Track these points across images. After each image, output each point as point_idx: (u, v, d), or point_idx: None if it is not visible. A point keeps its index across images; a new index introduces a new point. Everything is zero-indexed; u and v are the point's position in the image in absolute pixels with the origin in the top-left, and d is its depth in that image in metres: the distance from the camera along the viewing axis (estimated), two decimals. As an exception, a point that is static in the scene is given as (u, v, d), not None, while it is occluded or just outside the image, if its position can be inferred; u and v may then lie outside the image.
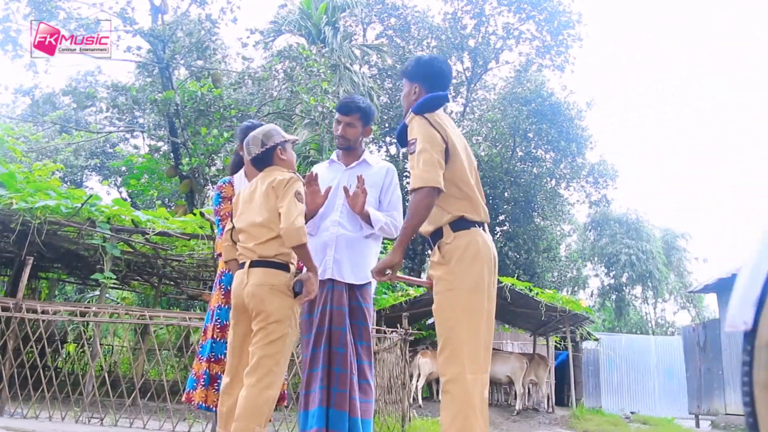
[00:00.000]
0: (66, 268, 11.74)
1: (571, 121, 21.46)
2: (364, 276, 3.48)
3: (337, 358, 3.28)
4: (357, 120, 3.63)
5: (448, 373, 2.74)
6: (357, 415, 3.24)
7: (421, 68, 3.08)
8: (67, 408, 6.37)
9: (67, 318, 6.64)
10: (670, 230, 30.86)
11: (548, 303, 12.60)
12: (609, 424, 12.22)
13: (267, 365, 2.98)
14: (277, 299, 3.04)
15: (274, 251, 3.09)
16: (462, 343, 2.74)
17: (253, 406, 2.95)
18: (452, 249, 2.82)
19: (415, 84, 3.06)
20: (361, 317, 3.45)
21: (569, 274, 27.31)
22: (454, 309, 2.78)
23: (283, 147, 3.30)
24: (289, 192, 3.08)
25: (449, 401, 2.71)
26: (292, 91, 12.88)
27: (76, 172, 21.77)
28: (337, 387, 3.24)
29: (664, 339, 21.04)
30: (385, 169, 3.67)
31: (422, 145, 2.80)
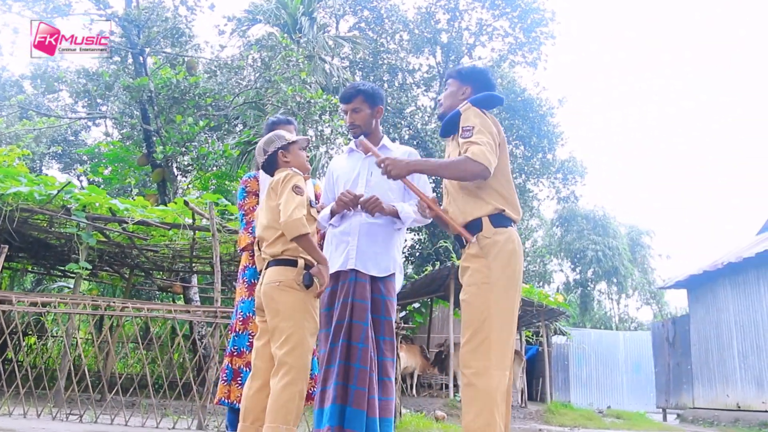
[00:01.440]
0: (32, 258, 11.31)
1: (542, 118, 21.59)
2: (387, 267, 3.35)
3: (357, 354, 3.11)
4: (362, 103, 3.50)
5: (475, 366, 2.72)
6: (375, 414, 3.08)
7: (477, 74, 3.21)
8: (37, 404, 6.08)
9: (44, 310, 6.34)
10: (635, 227, 31.34)
11: (524, 297, 12.61)
12: (584, 419, 12.32)
13: (286, 362, 2.94)
14: (285, 296, 3.02)
15: (281, 248, 3.10)
16: (491, 338, 2.74)
17: (279, 404, 2.88)
18: (491, 244, 2.85)
19: (466, 86, 3.17)
20: (384, 311, 3.30)
21: (535, 268, 27.56)
22: (487, 303, 2.78)
23: (286, 149, 3.28)
24: (286, 187, 3.09)
25: (474, 395, 2.69)
26: (270, 80, 12.60)
27: (36, 160, 21.05)
28: (355, 384, 3.07)
29: (632, 334, 21.36)
30: (407, 153, 3.51)
31: (482, 132, 2.87)
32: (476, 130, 2.85)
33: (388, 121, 20.71)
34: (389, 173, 2.92)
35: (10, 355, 6.08)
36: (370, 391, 3.09)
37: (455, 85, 3.20)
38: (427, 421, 7.58)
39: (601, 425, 11.88)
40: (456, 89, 3.18)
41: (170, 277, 12.81)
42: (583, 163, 24.01)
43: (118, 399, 6.28)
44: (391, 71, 22.27)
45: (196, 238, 8.79)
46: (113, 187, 16.07)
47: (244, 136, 13.58)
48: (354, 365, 3.11)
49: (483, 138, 2.84)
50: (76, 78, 13.11)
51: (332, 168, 3.68)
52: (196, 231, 8.40)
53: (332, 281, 3.36)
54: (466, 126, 2.90)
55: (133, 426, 5.69)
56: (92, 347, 10.35)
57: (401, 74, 22.61)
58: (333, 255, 3.39)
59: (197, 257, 10.00)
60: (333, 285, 3.36)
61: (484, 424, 2.61)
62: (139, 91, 11.70)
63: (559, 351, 19.27)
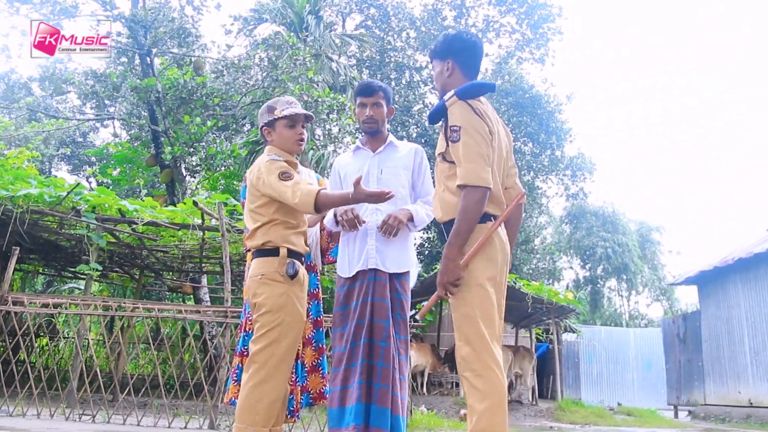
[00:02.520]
0: (43, 260, 11.36)
1: (551, 114, 21.46)
2: (404, 265, 3.36)
3: (380, 352, 3.11)
4: (382, 99, 3.52)
5: (477, 368, 2.63)
6: (399, 412, 3.10)
7: (450, 44, 3.02)
8: (50, 404, 6.10)
9: (56, 311, 6.36)
10: (645, 223, 31.22)
11: (534, 295, 12.56)
12: (595, 416, 12.26)
13: (260, 359, 2.87)
14: (266, 289, 2.94)
15: (261, 239, 3.02)
16: (482, 337, 2.65)
17: (245, 404, 2.83)
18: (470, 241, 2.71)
19: (447, 61, 2.99)
20: (400, 309, 3.30)
21: (544, 266, 27.46)
22: (472, 302, 2.68)
23: (271, 126, 3.20)
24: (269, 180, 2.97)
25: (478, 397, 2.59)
26: (277, 79, 12.60)
27: (45, 161, 21.16)
28: (379, 382, 3.07)
29: (643, 331, 21.26)
30: (413, 151, 3.54)
31: (471, 136, 2.71)
32: (463, 134, 2.71)
33: (395, 119, 20.67)
34: (456, 285, 2.68)
35: (23, 356, 6.11)
36: (394, 389, 3.10)
37: (438, 64, 3.04)
38: (438, 419, 7.57)
39: (612, 422, 11.82)
40: (440, 68, 3.02)
41: (180, 278, 12.84)
42: (592, 160, 23.89)
43: (130, 399, 6.29)
44: (398, 69, 22.22)
45: (206, 239, 8.79)
46: (122, 188, 16.12)
47: (252, 135, 13.57)
48: (377, 363, 3.11)
49: (475, 148, 2.70)
50: (84, 79, 13.14)
51: (338, 166, 3.67)
52: (206, 231, 8.41)
53: (349, 281, 3.37)
54: (453, 126, 2.76)
55: (146, 426, 5.70)
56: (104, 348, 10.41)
57: (408, 72, 22.54)
58: (351, 255, 3.39)
59: (207, 257, 10.01)
60: (350, 284, 3.36)
61: (489, 425, 2.54)
62: (147, 91, 11.73)
63: (570, 348, 19.20)
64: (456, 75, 2.98)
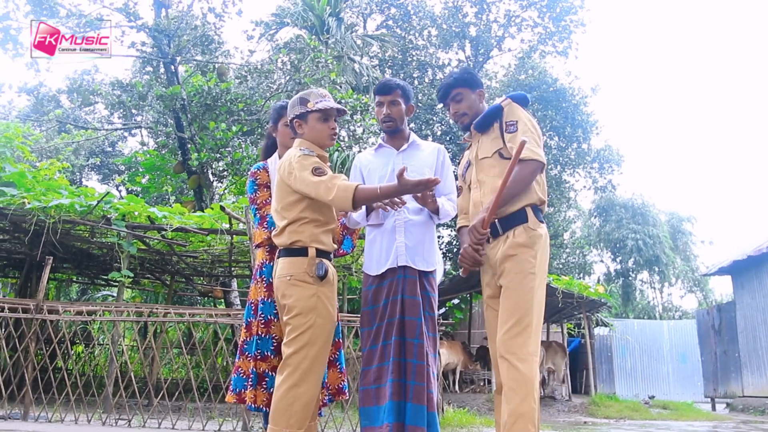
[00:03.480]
0: (76, 268, 11.57)
1: (576, 107, 21.29)
2: (432, 263, 3.38)
3: (413, 349, 3.12)
4: (399, 97, 3.50)
5: (518, 352, 2.80)
6: (434, 409, 3.10)
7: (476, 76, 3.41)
8: (87, 410, 6.21)
9: (89, 318, 6.47)
10: (675, 214, 30.79)
11: (565, 290, 12.47)
12: (629, 410, 12.13)
13: (293, 362, 2.85)
14: (296, 290, 2.91)
15: (289, 239, 2.97)
16: (533, 326, 2.86)
17: (279, 407, 2.82)
18: (537, 236, 3.00)
19: (478, 89, 3.36)
20: (428, 307, 3.30)
21: (575, 260, 27.20)
22: (532, 291, 2.90)
23: (302, 118, 3.08)
24: (301, 175, 2.89)
25: (519, 379, 2.75)
26: (299, 82, 12.68)
27: (75, 172, 21.53)
28: (414, 380, 3.07)
29: (677, 323, 20.94)
30: (436, 150, 3.56)
31: (526, 125, 3.04)
32: (521, 125, 3.01)
33: (419, 118, 20.66)
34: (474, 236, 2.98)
35: (60, 363, 6.22)
36: (428, 385, 3.09)
37: (467, 92, 3.34)
38: (470, 416, 7.55)
39: (648, 416, 11.68)
40: (473, 96, 3.34)
41: (210, 282, 12.98)
42: (620, 152, 23.62)
43: (165, 403, 6.38)
44: (420, 67, 22.19)
45: (234, 243, 8.88)
46: (151, 195, 16.32)
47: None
48: (411, 361, 3.11)
49: (531, 133, 2.99)
50: (111, 90, 13.35)
51: (360, 164, 3.66)
52: (234, 235, 8.49)
53: (377, 280, 3.37)
54: (509, 120, 3.05)
55: (180, 429, 5.77)
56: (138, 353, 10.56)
57: (431, 70, 22.49)
58: (379, 253, 3.39)
59: (236, 261, 10.11)
60: (378, 283, 3.36)
61: (530, 409, 2.69)
62: (172, 99, 11.87)
63: (602, 342, 19.00)
64: (483, 101, 3.39)
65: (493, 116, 3.16)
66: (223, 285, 12.41)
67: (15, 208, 7.51)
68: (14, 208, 7.51)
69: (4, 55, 12.98)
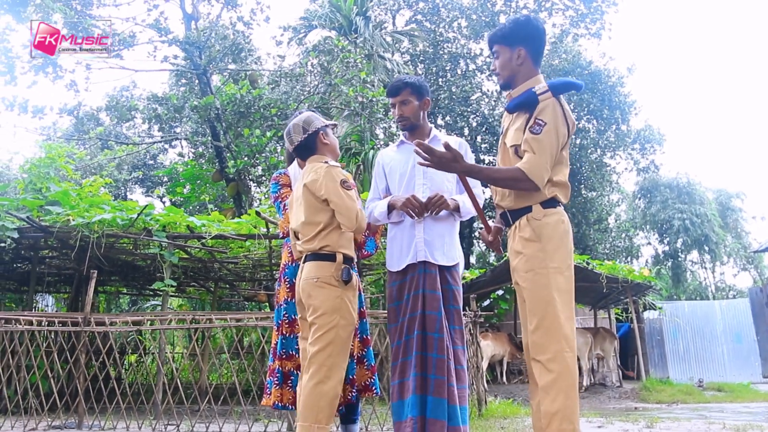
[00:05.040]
0: (123, 280, 11.88)
1: (612, 89, 20.97)
2: (453, 256, 3.41)
3: (433, 343, 3.16)
4: (409, 95, 3.53)
5: (549, 352, 2.73)
6: (456, 402, 3.12)
7: (521, 29, 2.99)
8: (137, 417, 6.40)
9: (135, 328, 6.67)
10: (723, 191, 30.06)
11: (609, 275, 12.30)
12: (682, 394, 11.92)
13: (319, 359, 2.99)
14: (322, 292, 3.06)
15: (319, 244, 3.14)
16: (558, 321, 2.75)
17: (308, 403, 2.94)
18: (542, 225, 2.84)
19: (518, 48, 2.96)
20: (453, 300, 3.34)
21: (621, 244, 26.77)
22: (548, 287, 2.78)
23: (325, 132, 3.33)
24: (331, 185, 3.10)
25: (552, 380, 2.69)
26: (330, 84, 12.80)
27: (119, 186, 22.10)
28: (435, 373, 3.12)
29: (729, 302, 20.40)
30: (457, 144, 3.50)
31: (551, 135, 2.80)
32: (545, 133, 2.78)
33: (454, 111, 20.60)
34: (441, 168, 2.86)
35: (114, 372, 6.43)
36: (449, 379, 3.14)
37: (505, 51, 3.00)
38: (515, 407, 7.53)
39: (702, 399, 11.46)
40: (509, 55, 2.98)
41: (254, 287, 13.17)
42: (661, 131, 23.22)
43: (213, 408, 6.53)
44: (452, 60, 22.09)
45: (273, 247, 9.00)
46: (192, 204, 16.64)
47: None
48: (432, 355, 3.16)
49: (545, 145, 2.79)
50: (147, 104, 13.68)
51: (382, 160, 3.72)
52: (272, 239, 8.61)
53: (400, 276, 3.43)
54: (539, 119, 2.80)
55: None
56: (187, 360, 10.80)
57: (463, 62, 22.37)
58: (401, 249, 3.45)
59: (276, 265, 10.23)
60: (401, 279, 3.41)
61: (563, 406, 2.64)
62: (206, 109, 12.10)
63: (652, 326, 18.65)
64: (527, 63, 2.97)
65: (525, 105, 2.90)
66: (267, 289, 12.59)
67: (60, 225, 7.77)
68: (59, 225, 7.77)
69: (45, 78, 13.32)
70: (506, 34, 3.00)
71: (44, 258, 9.97)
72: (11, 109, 12.39)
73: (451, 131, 21.53)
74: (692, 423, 6.14)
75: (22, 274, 10.69)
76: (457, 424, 3.09)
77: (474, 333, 6.88)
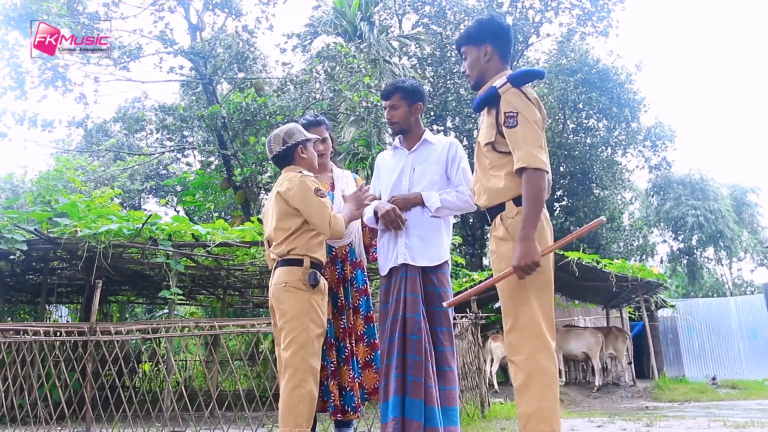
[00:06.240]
0: (134, 290, 12.02)
1: (621, 87, 20.91)
2: (436, 257, 3.41)
3: (411, 345, 3.21)
4: (399, 100, 3.58)
5: (524, 352, 2.67)
6: (433, 403, 3.15)
7: (487, 27, 3.03)
8: (147, 425, 6.47)
9: (139, 336, 6.76)
10: (738, 186, 29.79)
11: (618, 273, 12.27)
12: (695, 392, 11.85)
13: (293, 363, 3.06)
14: (291, 296, 3.15)
15: (287, 248, 3.22)
16: (534, 321, 2.69)
17: (286, 408, 3.01)
18: (515, 224, 2.76)
19: (484, 46, 3.00)
20: (439, 302, 3.36)
21: (635, 242, 26.60)
22: (524, 287, 2.72)
23: (304, 145, 3.43)
24: (306, 195, 3.21)
25: (526, 381, 2.64)
26: (335, 90, 12.87)
27: (133, 197, 22.33)
28: (412, 375, 3.16)
29: (745, 299, 20.19)
30: (447, 145, 3.59)
31: (528, 121, 2.74)
32: (521, 120, 2.74)
33: (462, 113, 20.64)
34: (531, 269, 2.65)
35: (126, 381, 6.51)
36: (427, 380, 3.16)
37: (473, 50, 3.03)
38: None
39: (715, 397, 11.39)
40: (476, 54, 3.02)
41: (263, 293, 13.25)
42: (672, 127, 23.07)
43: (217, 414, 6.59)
44: (459, 62, 22.00)
45: (278, 253, 9.06)
46: (202, 212, 16.78)
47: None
48: (410, 356, 3.20)
49: (533, 134, 2.73)
50: (155, 115, 13.84)
51: (379, 163, 3.81)
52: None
53: (386, 279, 3.49)
54: (508, 112, 2.77)
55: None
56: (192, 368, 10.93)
57: (470, 64, 22.33)
58: (386, 254, 3.51)
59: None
60: (387, 282, 3.48)
61: (539, 407, 2.59)
62: (212, 118, 12.22)
63: (666, 324, 18.51)
64: (494, 60, 3.00)
65: (488, 102, 2.90)
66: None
67: (68, 236, 7.89)
68: (67, 236, 7.89)
69: (55, 92, 13.53)
70: (472, 34, 3.05)
71: (55, 269, 10.12)
72: (21, 123, 12.57)
73: (459, 133, 21.56)
74: (695, 421, 6.11)
75: (34, 286, 10.85)
76: (435, 425, 3.11)
77: (476, 335, 6.89)
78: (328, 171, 4.02)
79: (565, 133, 22.00)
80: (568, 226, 20.79)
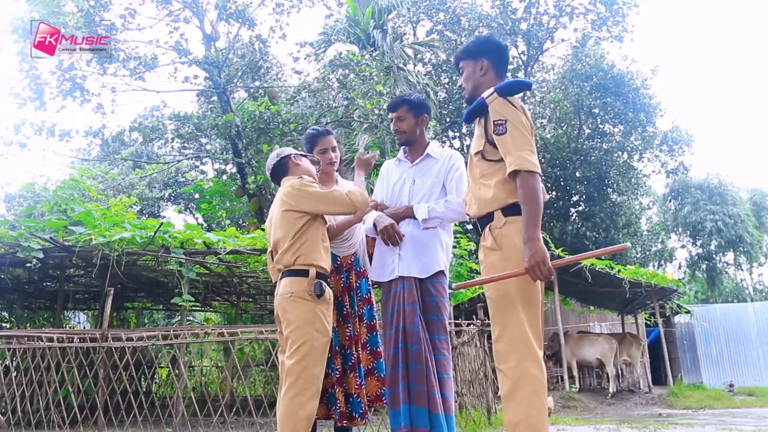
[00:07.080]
0: (149, 296, 12.17)
1: (636, 91, 20.83)
2: (431, 268, 3.47)
3: (412, 356, 3.28)
4: (406, 112, 3.68)
5: (511, 360, 2.68)
6: (437, 410, 3.23)
7: (485, 44, 3.12)
8: (153, 429, 6.58)
9: (149, 343, 6.88)
10: (757, 190, 29.43)
11: (631, 279, 12.21)
12: (711, 399, 11.75)
13: (295, 372, 3.11)
14: (296, 306, 3.18)
15: (293, 256, 3.25)
16: (521, 329, 2.70)
17: (286, 415, 3.06)
18: (502, 235, 2.79)
19: (480, 60, 3.07)
20: (436, 311, 3.44)
21: (653, 248, 26.39)
22: (511, 296, 2.74)
23: (297, 156, 3.52)
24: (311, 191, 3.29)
25: (513, 389, 2.64)
26: (348, 98, 12.97)
27: (152, 204, 22.58)
28: (415, 384, 3.24)
29: (763, 304, 19.94)
30: (448, 157, 3.67)
31: (516, 127, 2.79)
32: (510, 126, 2.78)
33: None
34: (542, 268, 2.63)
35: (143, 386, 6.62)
36: (429, 388, 3.24)
37: (470, 65, 3.11)
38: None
39: (731, 404, 11.28)
40: (473, 68, 3.09)
41: (275, 300, 13.34)
42: (689, 132, 22.94)
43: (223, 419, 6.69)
44: (474, 69, 22.08)
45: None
46: (218, 220, 16.94)
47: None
48: (412, 366, 3.28)
49: (522, 138, 2.78)
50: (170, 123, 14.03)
51: (383, 172, 3.89)
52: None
53: (386, 289, 3.56)
54: (497, 120, 2.81)
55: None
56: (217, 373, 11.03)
57: (485, 70, 22.34)
58: (383, 264, 3.58)
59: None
60: (386, 293, 3.55)
61: (526, 415, 2.58)
62: (227, 127, 12.37)
63: (683, 330, 18.35)
64: (490, 74, 3.07)
65: (477, 113, 2.95)
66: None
67: (82, 244, 8.04)
68: (81, 244, 8.04)
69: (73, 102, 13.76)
70: (470, 49, 3.12)
71: (71, 277, 10.29)
72: (40, 134, 12.80)
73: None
74: (704, 429, 6.09)
75: (52, 293, 11.04)
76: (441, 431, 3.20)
77: (483, 342, 6.91)
78: (334, 181, 4.08)
79: (580, 138, 21.95)
80: (584, 231, 20.71)
